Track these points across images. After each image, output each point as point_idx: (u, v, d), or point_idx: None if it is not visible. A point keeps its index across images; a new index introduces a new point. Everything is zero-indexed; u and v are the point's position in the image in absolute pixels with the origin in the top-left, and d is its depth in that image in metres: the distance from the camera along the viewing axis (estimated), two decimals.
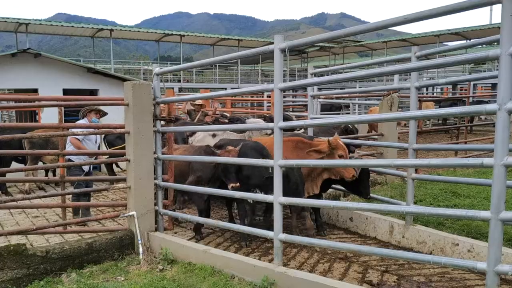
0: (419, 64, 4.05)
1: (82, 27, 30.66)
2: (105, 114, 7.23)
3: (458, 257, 5.03)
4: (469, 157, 10.77)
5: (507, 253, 4.58)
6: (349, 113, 18.52)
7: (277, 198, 4.35)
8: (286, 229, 4.94)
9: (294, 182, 5.69)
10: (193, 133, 8.29)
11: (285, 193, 4.46)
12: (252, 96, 23.76)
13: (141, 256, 5.31)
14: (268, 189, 5.25)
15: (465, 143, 12.88)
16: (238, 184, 5.34)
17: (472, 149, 11.14)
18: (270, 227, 4.63)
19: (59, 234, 6.15)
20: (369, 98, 15.98)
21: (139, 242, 5.42)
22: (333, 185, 6.71)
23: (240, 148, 5.66)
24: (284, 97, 19.66)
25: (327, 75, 11.60)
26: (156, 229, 5.83)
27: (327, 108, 21.39)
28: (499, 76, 2.86)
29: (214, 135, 7.48)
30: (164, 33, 33.75)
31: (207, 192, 5.45)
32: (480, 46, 29.98)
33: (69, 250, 5.01)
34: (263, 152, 5.79)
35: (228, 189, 5.34)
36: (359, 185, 6.11)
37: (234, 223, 6.17)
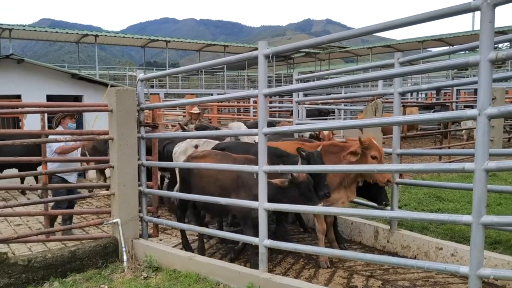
0: (402, 70, 4.08)
1: (67, 32, 30.46)
2: (79, 116, 6.96)
3: (442, 261, 5.07)
4: (452, 161, 10.89)
5: (489, 257, 4.63)
6: (334, 118, 18.61)
7: (262, 204, 4.35)
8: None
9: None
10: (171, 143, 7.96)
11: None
12: (238, 102, 23.77)
13: (125, 264, 5.25)
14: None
15: (449, 147, 13.04)
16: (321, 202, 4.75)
17: (455, 154, 11.27)
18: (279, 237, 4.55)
19: (42, 242, 6.07)
20: (355, 103, 16.08)
21: (123, 249, 5.36)
22: None
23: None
24: (271, 102, 19.78)
25: (313, 81, 11.67)
26: (141, 236, 5.77)
27: (315, 114, 21.47)
28: (479, 81, 2.89)
29: (196, 146, 7.16)
30: (149, 39, 33.67)
31: (188, 198, 5.40)
32: (463, 52, 30.44)
33: (52, 259, 4.93)
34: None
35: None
36: (376, 191, 5.63)
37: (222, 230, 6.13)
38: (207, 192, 5.26)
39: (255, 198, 4.52)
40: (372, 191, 5.64)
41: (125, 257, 5.31)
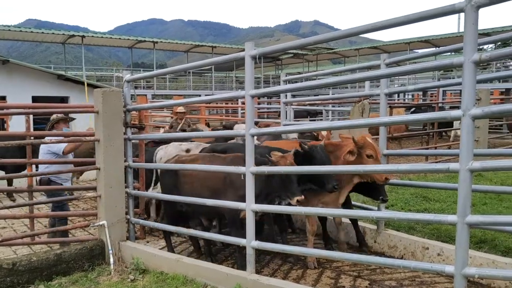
0: (388, 71, 4.11)
1: (53, 33, 30.13)
2: (72, 119, 6.79)
3: (428, 260, 5.11)
4: (439, 162, 11.00)
5: (475, 256, 4.67)
6: (322, 119, 18.70)
7: (249, 205, 4.34)
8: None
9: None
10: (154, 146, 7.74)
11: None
12: (226, 103, 23.75)
13: (112, 267, 5.21)
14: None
15: (435, 148, 13.15)
16: (303, 197, 4.62)
17: (441, 154, 11.38)
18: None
19: (27, 245, 5.99)
20: (342, 104, 16.19)
21: (110, 252, 5.32)
22: None
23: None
24: (259, 103, 19.78)
25: (301, 82, 11.69)
26: (128, 239, 5.73)
27: (304, 115, 21.56)
28: (463, 82, 2.93)
29: (188, 151, 6.93)
30: (136, 39, 33.46)
31: (177, 200, 5.36)
32: (449, 53, 30.77)
33: (37, 262, 4.88)
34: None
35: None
36: (374, 186, 5.35)
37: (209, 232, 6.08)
38: (196, 196, 5.12)
39: (242, 199, 4.52)
40: (369, 185, 5.40)
41: (111, 260, 5.27)
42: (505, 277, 3.21)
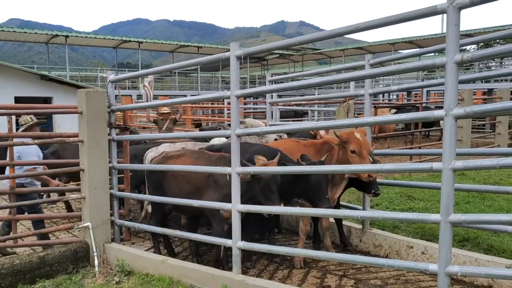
0: (372, 71, 4.14)
1: (36, 33, 29.74)
2: (43, 122, 6.61)
3: (413, 259, 5.16)
4: (423, 161, 11.10)
5: (458, 254, 4.73)
6: (308, 119, 18.76)
7: (235, 205, 4.34)
8: None
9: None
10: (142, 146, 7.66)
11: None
12: (212, 103, 23.69)
13: (96, 269, 5.16)
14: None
15: (419, 147, 13.28)
16: (282, 205, 4.61)
17: (425, 153, 11.48)
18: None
19: (10, 248, 5.90)
20: (328, 104, 16.27)
21: (95, 254, 5.27)
22: None
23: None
24: (245, 104, 19.76)
25: (287, 82, 11.70)
26: (113, 240, 5.68)
27: (291, 115, 21.62)
28: (446, 83, 2.96)
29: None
30: (121, 39, 33.22)
31: (162, 200, 5.32)
32: (433, 54, 31.10)
33: (20, 265, 4.81)
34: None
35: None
36: (367, 182, 5.29)
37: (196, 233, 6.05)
38: (181, 192, 5.16)
39: (225, 198, 4.59)
40: (361, 179, 5.35)
41: (96, 262, 5.22)
42: (488, 274, 3.25)
